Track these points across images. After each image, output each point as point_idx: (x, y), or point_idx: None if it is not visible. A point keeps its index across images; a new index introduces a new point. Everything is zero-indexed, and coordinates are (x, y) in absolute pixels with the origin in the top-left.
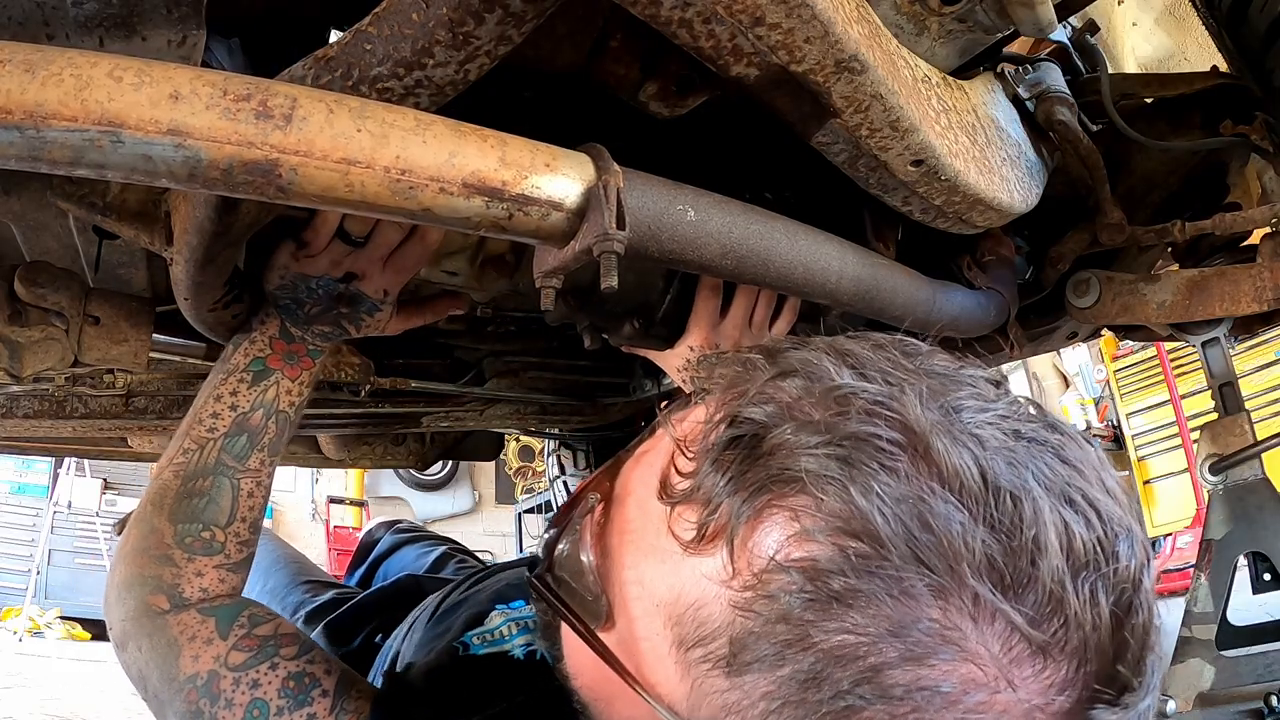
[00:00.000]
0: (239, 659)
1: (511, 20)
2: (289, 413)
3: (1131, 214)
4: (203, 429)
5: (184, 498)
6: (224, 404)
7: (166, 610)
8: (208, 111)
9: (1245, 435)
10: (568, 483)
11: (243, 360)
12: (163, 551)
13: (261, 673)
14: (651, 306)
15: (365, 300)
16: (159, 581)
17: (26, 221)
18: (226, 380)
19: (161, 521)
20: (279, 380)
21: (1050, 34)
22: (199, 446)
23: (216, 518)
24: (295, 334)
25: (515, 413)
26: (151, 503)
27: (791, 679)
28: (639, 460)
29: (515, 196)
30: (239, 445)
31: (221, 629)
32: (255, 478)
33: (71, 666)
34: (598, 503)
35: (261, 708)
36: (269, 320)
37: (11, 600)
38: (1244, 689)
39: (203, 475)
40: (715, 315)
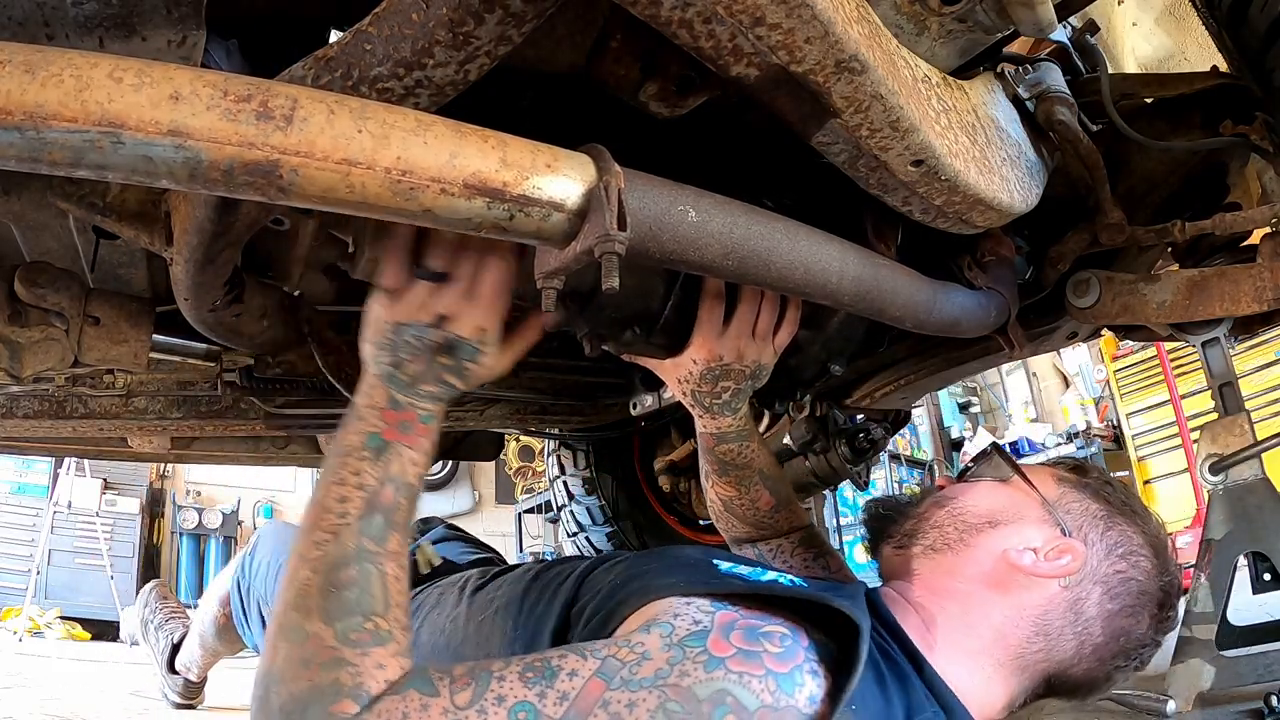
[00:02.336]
0: (466, 697)
1: (511, 20)
2: (415, 485)
3: (1131, 214)
4: (333, 516)
5: (331, 592)
6: (349, 486)
7: (357, 713)
8: (208, 112)
9: (1245, 435)
10: (568, 483)
11: (357, 440)
12: (330, 656)
13: (497, 687)
14: (653, 314)
15: (463, 345)
16: (338, 687)
17: (26, 221)
18: (346, 462)
19: (316, 624)
20: (400, 451)
21: (1050, 34)
22: (333, 535)
23: (374, 607)
24: (402, 400)
25: (515, 413)
26: (295, 608)
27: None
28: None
29: (516, 197)
30: (375, 527)
31: (427, 690)
32: (397, 560)
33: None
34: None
35: (525, 708)
36: (374, 392)
37: (11, 600)
38: (1244, 689)
39: (344, 565)
40: (719, 324)
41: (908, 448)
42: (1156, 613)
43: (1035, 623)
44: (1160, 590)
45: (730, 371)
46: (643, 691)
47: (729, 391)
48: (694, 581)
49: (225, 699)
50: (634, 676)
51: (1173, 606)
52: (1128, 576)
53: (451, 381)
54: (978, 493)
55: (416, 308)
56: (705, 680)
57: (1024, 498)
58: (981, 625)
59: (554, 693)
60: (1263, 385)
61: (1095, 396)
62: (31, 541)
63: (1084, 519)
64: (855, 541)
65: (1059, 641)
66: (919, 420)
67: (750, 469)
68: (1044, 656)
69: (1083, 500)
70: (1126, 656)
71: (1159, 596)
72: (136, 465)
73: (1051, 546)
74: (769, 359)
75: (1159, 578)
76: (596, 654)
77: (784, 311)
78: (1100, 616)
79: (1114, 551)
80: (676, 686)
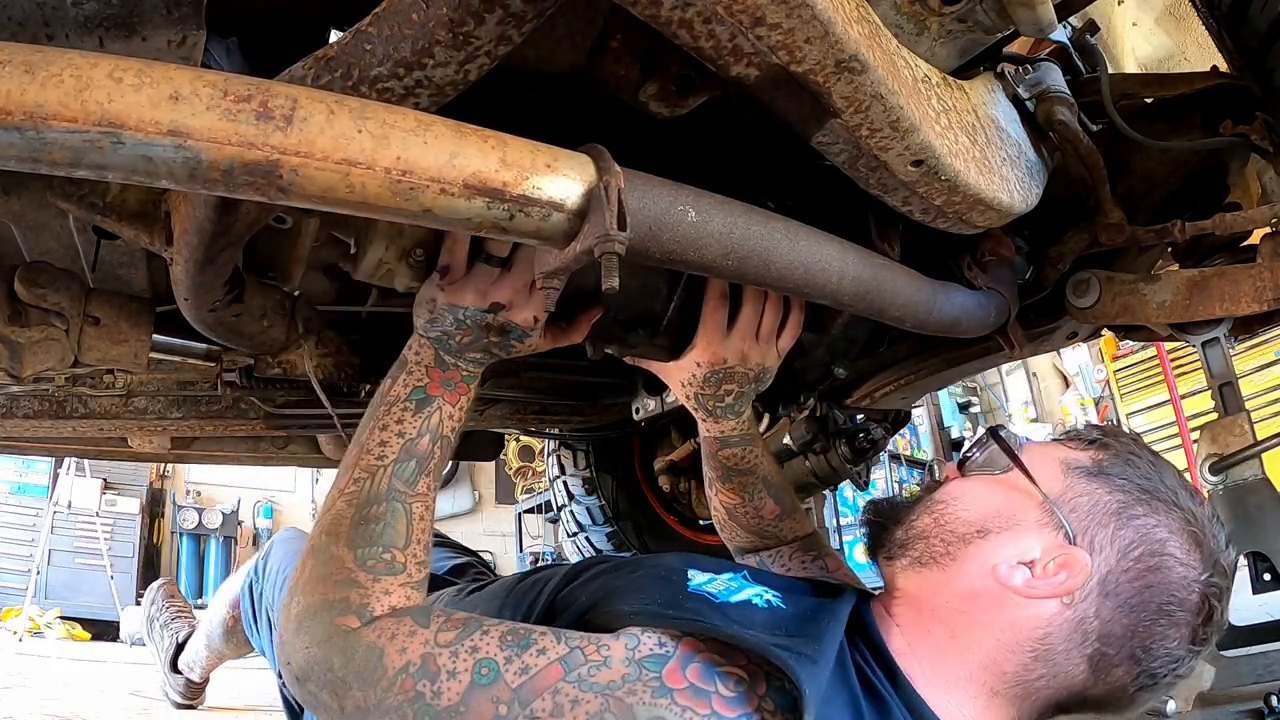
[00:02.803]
0: (448, 636)
1: (511, 20)
2: (450, 437)
3: (1131, 214)
4: (371, 458)
5: (360, 524)
6: (391, 432)
7: (357, 627)
8: (208, 112)
9: (1245, 435)
10: (568, 483)
11: (403, 391)
12: (346, 576)
13: (476, 639)
14: (656, 315)
15: (515, 329)
16: (346, 604)
17: (26, 221)
18: (390, 410)
19: (340, 549)
20: (441, 406)
21: (1050, 34)
22: (369, 475)
23: (395, 540)
24: (449, 361)
25: (515, 413)
26: (327, 532)
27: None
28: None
29: (516, 197)
30: (409, 470)
31: (421, 621)
32: (424, 501)
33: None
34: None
35: (489, 664)
36: (423, 350)
37: (11, 600)
38: (1244, 689)
39: (376, 502)
40: (723, 326)
41: (908, 448)
42: (1192, 620)
43: (1034, 647)
44: (1198, 595)
45: (734, 374)
46: (590, 694)
47: (732, 394)
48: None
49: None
50: (589, 677)
51: (1216, 611)
52: (1147, 584)
53: (495, 352)
54: (970, 495)
55: (474, 294)
56: (649, 704)
57: (1022, 497)
58: (971, 650)
59: (519, 662)
60: (1263, 385)
61: (1095, 396)
62: (31, 541)
63: (1092, 518)
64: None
65: (1065, 665)
66: (919, 420)
67: (754, 475)
68: (1048, 683)
69: (1093, 492)
70: (1152, 676)
71: (1195, 603)
72: (136, 465)
73: (1051, 558)
74: (773, 362)
75: (1194, 579)
76: (569, 641)
77: (787, 314)
78: (1116, 634)
79: (1129, 554)
80: (621, 702)
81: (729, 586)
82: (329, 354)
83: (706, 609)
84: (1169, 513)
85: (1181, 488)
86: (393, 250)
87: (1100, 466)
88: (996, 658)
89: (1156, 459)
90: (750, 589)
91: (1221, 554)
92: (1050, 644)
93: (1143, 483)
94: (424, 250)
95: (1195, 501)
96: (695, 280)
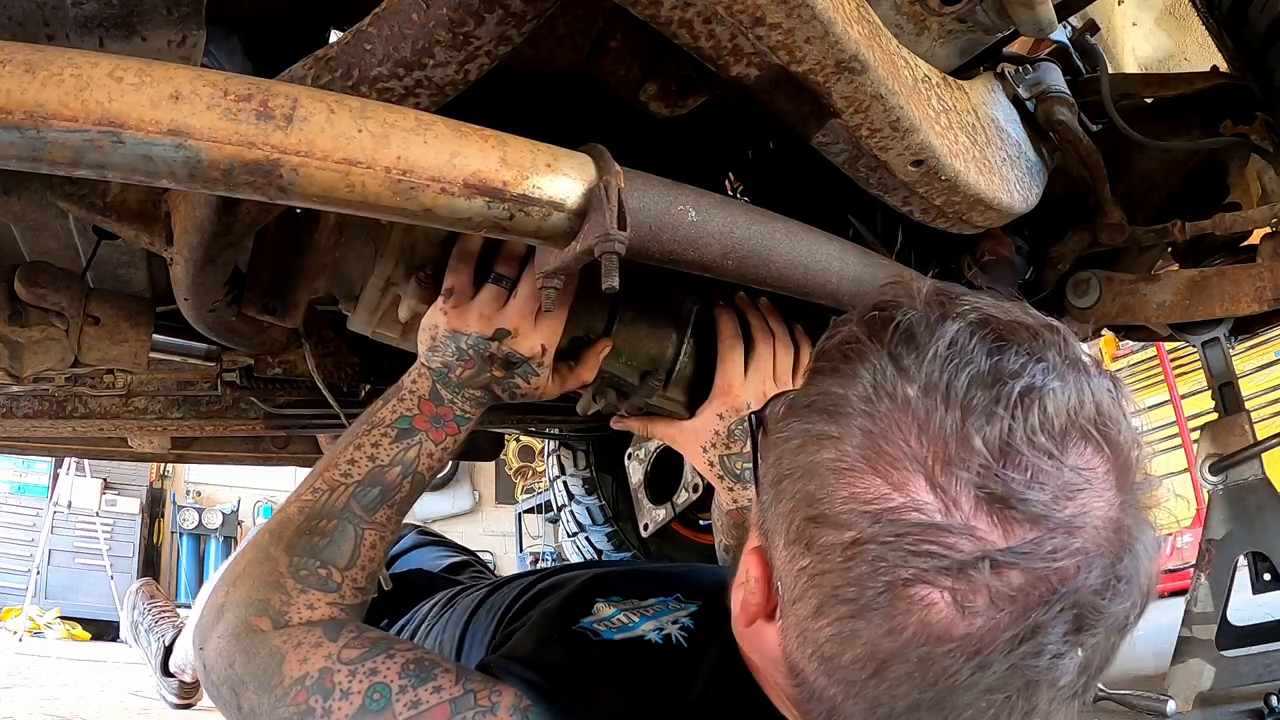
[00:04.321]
0: (353, 654)
1: (511, 20)
2: (425, 475)
3: (1131, 214)
4: (336, 473)
5: (305, 534)
6: (363, 453)
7: (267, 631)
8: (209, 112)
9: (1245, 435)
10: (568, 483)
11: (389, 416)
12: (275, 579)
13: (379, 662)
14: (667, 363)
15: (520, 361)
16: (265, 605)
17: (26, 221)
18: (370, 432)
19: (278, 551)
20: (423, 442)
21: (1050, 34)
22: (329, 489)
23: (335, 558)
24: (445, 397)
25: (515, 412)
26: (270, 532)
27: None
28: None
29: (516, 197)
30: (370, 496)
31: (330, 634)
32: (379, 531)
33: (71, 666)
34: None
35: (382, 690)
36: (421, 380)
37: (11, 600)
38: (1244, 689)
39: (328, 517)
40: (740, 364)
41: None
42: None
43: (789, 679)
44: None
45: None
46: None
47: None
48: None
49: None
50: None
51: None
52: (828, 567)
53: (497, 393)
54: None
55: (478, 318)
56: None
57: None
58: (769, 689)
59: (413, 694)
60: (1263, 385)
61: None
62: (31, 541)
63: (767, 493)
64: None
65: (830, 698)
66: None
67: None
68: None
69: (779, 441)
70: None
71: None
72: (136, 465)
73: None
74: None
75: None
76: (467, 683)
77: (799, 357)
78: (840, 656)
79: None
80: None
81: (627, 621)
82: (329, 354)
83: (575, 650)
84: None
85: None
86: (401, 267)
87: (811, 385)
88: (787, 689)
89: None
90: (652, 622)
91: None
92: (799, 672)
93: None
94: (432, 269)
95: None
96: (704, 325)
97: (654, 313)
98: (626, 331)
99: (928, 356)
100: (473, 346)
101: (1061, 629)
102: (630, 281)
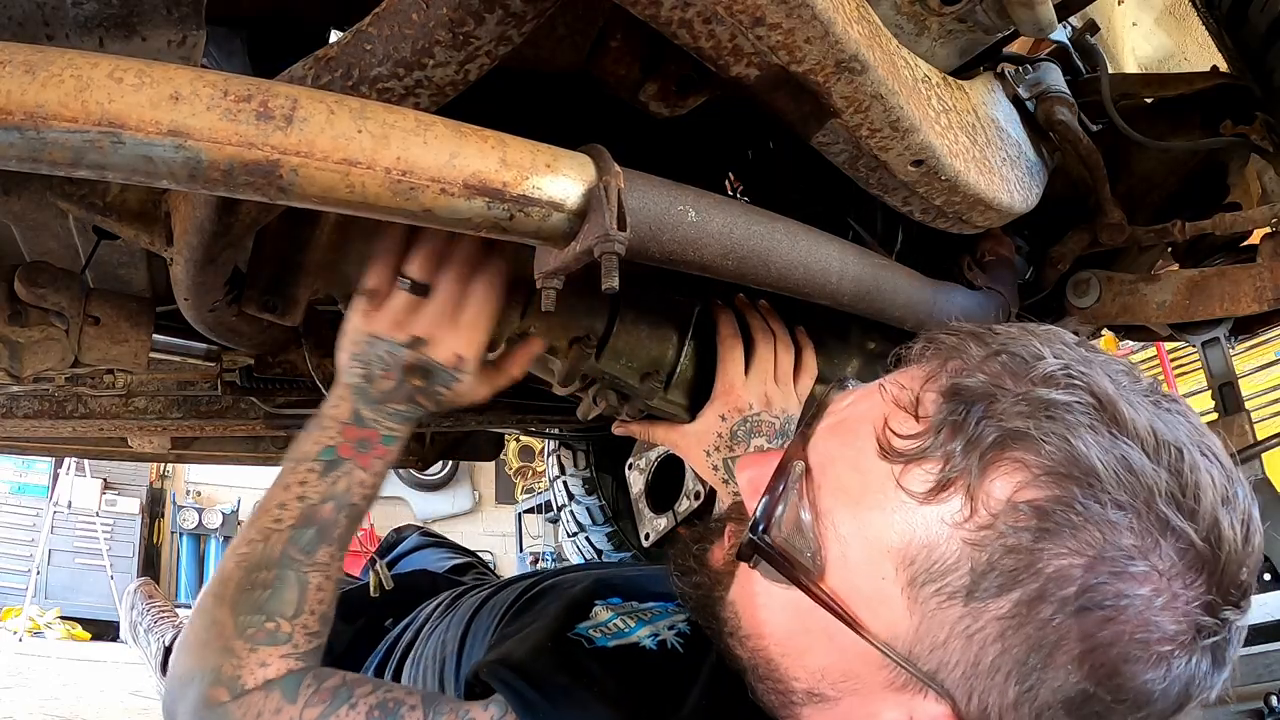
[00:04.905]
0: (314, 713)
1: (511, 20)
2: (361, 505)
3: (1131, 214)
4: (268, 519)
5: (246, 589)
6: (291, 494)
7: (225, 701)
8: (208, 112)
9: (1245, 435)
10: (568, 483)
11: (313, 449)
12: (223, 643)
13: (343, 715)
14: (668, 365)
15: (439, 371)
16: (218, 674)
17: (26, 221)
18: (295, 469)
19: (223, 613)
20: (351, 470)
21: (1050, 34)
22: (264, 538)
23: (281, 609)
24: (367, 418)
25: (515, 413)
26: (212, 594)
27: (1021, 600)
28: (835, 431)
29: (516, 197)
30: (306, 538)
31: (289, 695)
32: (324, 571)
33: (71, 666)
34: (804, 470)
35: None
36: (341, 404)
37: (11, 600)
38: (1244, 689)
39: (266, 567)
40: (741, 364)
41: None
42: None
43: None
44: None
45: (760, 423)
46: None
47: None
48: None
49: None
50: None
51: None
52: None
53: (422, 403)
54: (775, 626)
55: (392, 323)
56: None
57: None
58: None
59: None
60: (1263, 385)
61: None
62: (31, 541)
63: (974, 671)
64: None
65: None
66: None
67: None
68: None
69: (962, 624)
70: None
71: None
72: (136, 465)
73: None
74: (795, 408)
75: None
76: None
77: (799, 356)
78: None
79: (1030, 679)
80: None
81: (623, 626)
82: (329, 354)
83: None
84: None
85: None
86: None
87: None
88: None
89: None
90: (648, 627)
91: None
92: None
93: (1070, 515)
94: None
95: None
96: (704, 328)
97: (654, 314)
98: (627, 333)
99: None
100: (390, 353)
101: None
102: (630, 283)
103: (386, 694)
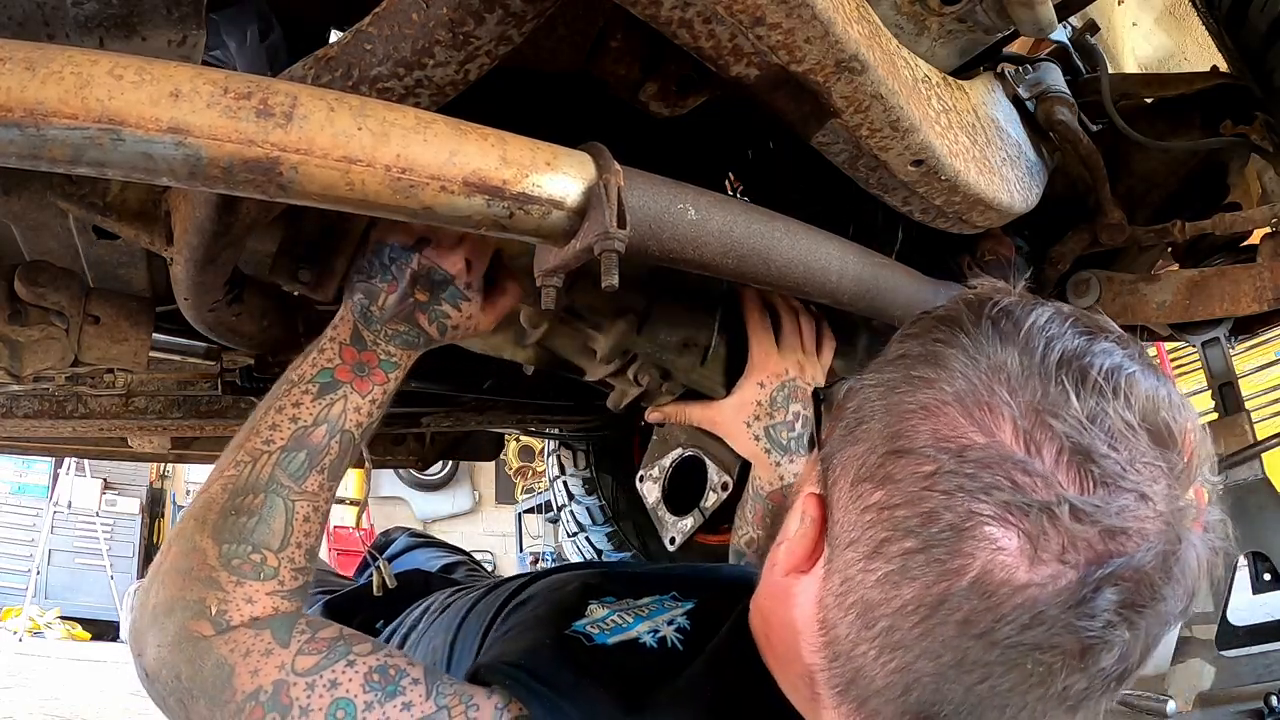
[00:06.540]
0: (308, 662)
1: (511, 20)
2: (354, 434)
3: (1131, 214)
4: (258, 440)
5: (231, 515)
6: (284, 415)
7: (210, 636)
8: (209, 109)
9: (1245, 435)
10: (568, 483)
11: (309, 370)
12: (206, 574)
13: (339, 671)
14: (704, 337)
15: (445, 283)
16: (201, 606)
17: (26, 221)
18: (290, 391)
19: (204, 540)
20: (347, 394)
21: (1050, 34)
22: (252, 460)
23: (268, 540)
24: (368, 338)
25: (515, 412)
26: (194, 518)
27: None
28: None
29: (516, 195)
30: (296, 463)
31: (280, 638)
32: (312, 501)
33: (71, 666)
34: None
35: (346, 707)
36: (342, 324)
37: (11, 600)
38: (1244, 689)
39: (253, 492)
40: (772, 337)
41: None
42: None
43: (819, 637)
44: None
45: (797, 389)
46: None
47: (800, 419)
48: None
49: None
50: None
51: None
52: (900, 500)
53: (424, 326)
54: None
55: (403, 229)
56: None
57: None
58: (789, 659)
59: (380, 711)
60: (1263, 385)
61: None
62: (31, 541)
63: (838, 442)
64: None
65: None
66: None
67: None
68: (860, 686)
69: (860, 395)
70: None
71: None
72: (136, 465)
73: (799, 516)
74: (822, 379)
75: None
76: (439, 698)
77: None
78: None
79: (872, 471)
80: None
81: (621, 623)
82: None
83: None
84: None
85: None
86: None
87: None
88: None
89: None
90: (647, 623)
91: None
92: (831, 629)
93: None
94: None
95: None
96: (731, 306)
97: (688, 291)
98: (663, 308)
99: (1025, 327)
100: (394, 259)
101: (1116, 598)
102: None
103: (387, 658)
